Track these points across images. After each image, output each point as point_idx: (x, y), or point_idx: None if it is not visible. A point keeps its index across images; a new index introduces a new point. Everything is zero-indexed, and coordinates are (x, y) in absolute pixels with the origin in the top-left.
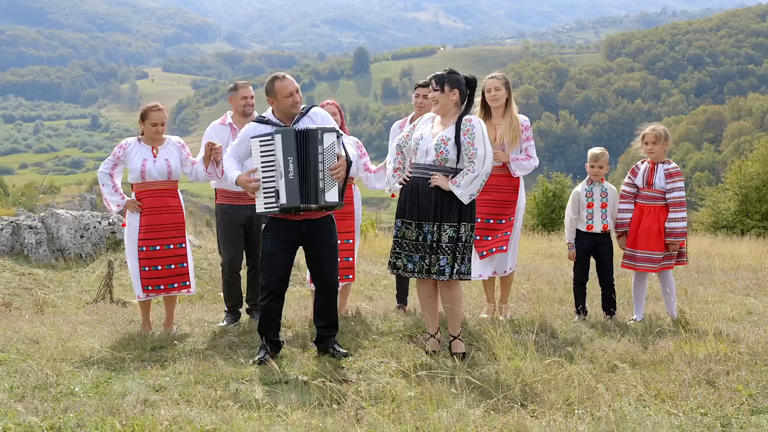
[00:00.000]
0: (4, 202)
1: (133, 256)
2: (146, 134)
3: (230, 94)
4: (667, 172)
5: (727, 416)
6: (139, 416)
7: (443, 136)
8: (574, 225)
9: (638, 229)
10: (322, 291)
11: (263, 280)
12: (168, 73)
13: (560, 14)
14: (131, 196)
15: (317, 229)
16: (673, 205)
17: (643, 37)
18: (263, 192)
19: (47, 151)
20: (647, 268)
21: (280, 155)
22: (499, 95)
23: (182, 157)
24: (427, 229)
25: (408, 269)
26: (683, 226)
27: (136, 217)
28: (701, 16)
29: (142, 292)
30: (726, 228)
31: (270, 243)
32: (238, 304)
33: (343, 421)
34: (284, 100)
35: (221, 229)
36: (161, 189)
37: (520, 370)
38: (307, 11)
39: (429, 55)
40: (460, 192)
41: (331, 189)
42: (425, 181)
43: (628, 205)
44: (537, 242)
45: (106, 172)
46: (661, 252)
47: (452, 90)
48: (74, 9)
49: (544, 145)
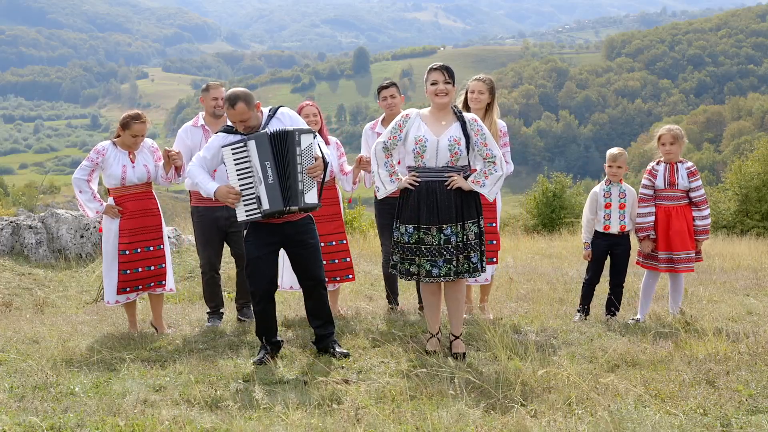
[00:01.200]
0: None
1: (113, 260)
2: (124, 142)
3: (202, 95)
4: (689, 170)
5: (727, 416)
6: (139, 416)
7: (454, 137)
8: (592, 225)
9: (670, 231)
10: (311, 290)
11: (251, 286)
12: (168, 73)
13: (560, 14)
14: (108, 201)
15: (299, 231)
16: (700, 203)
17: (643, 37)
18: (242, 200)
19: (47, 151)
20: (687, 269)
21: (257, 161)
22: (481, 98)
23: (154, 160)
24: (450, 230)
25: (433, 274)
26: (710, 223)
27: (115, 222)
28: (701, 16)
29: (115, 295)
30: (726, 228)
31: (254, 248)
32: (220, 304)
33: (343, 421)
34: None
35: (198, 231)
36: (140, 192)
37: (520, 370)
38: (307, 11)
39: (429, 55)
40: (487, 191)
41: (310, 190)
42: (441, 184)
43: (649, 209)
44: (537, 242)
45: (83, 178)
46: (695, 251)
47: (454, 86)
48: (74, 9)
49: (544, 145)
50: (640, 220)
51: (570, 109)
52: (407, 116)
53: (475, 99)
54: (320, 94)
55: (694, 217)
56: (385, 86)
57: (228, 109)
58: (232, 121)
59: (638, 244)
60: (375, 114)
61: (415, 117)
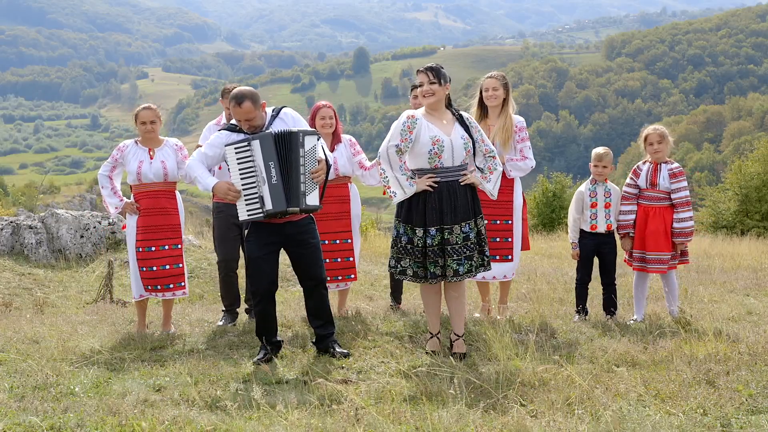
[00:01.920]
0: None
1: (132, 257)
2: (140, 134)
3: (222, 99)
4: (671, 171)
5: (727, 416)
6: (139, 416)
7: (464, 136)
8: (578, 225)
9: (645, 230)
10: (312, 290)
11: (252, 286)
12: (168, 73)
13: (560, 14)
14: (130, 198)
15: (300, 230)
16: (679, 205)
17: (643, 37)
18: (245, 199)
19: (47, 151)
20: (658, 270)
21: (260, 161)
22: (497, 95)
23: (178, 159)
24: (469, 227)
25: (460, 272)
26: (691, 226)
27: (134, 219)
28: (701, 16)
29: (144, 292)
30: (726, 228)
31: (255, 248)
32: (235, 303)
33: (343, 421)
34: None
35: (216, 227)
36: (157, 190)
37: (520, 370)
38: (307, 11)
39: (429, 55)
40: (491, 187)
41: (312, 192)
42: (457, 183)
43: (630, 207)
44: (537, 242)
45: (105, 174)
46: (670, 252)
47: (446, 84)
48: (74, 9)
49: (544, 145)
50: (621, 218)
51: (570, 109)
52: (413, 117)
53: (490, 96)
54: (320, 94)
55: (673, 219)
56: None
57: (234, 107)
58: (237, 120)
59: (619, 241)
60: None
61: (420, 118)
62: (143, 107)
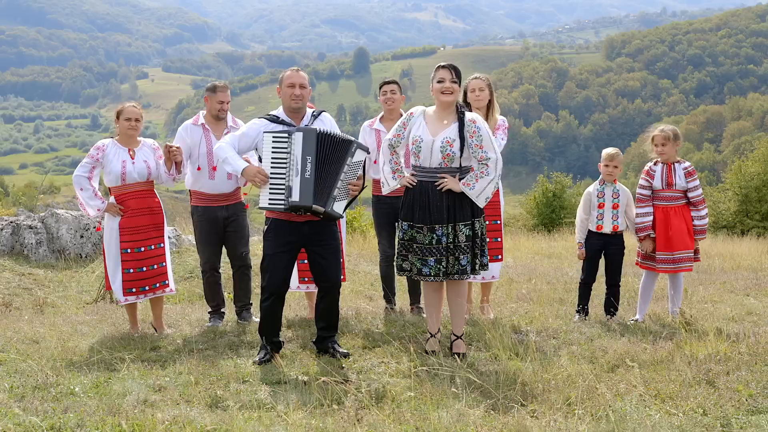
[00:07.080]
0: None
1: (116, 259)
2: (121, 132)
3: (206, 94)
4: (687, 170)
5: (727, 416)
6: (139, 416)
7: (447, 138)
8: (585, 225)
9: (669, 230)
10: (326, 292)
11: (264, 281)
12: (168, 73)
13: (560, 14)
14: (110, 200)
15: (319, 231)
16: (698, 203)
17: (643, 37)
18: (270, 188)
19: (47, 151)
20: (687, 268)
21: (299, 153)
22: (482, 96)
23: (156, 158)
24: (441, 231)
25: (423, 273)
26: (707, 222)
27: (115, 220)
28: (701, 16)
29: (123, 296)
30: (726, 228)
31: (272, 245)
32: (221, 303)
33: (343, 421)
34: (286, 89)
35: (198, 230)
36: (141, 190)
37: (520, 370)
38: (307, 11)
39: (429, 55)
40: (476, 195)
41: (341, 201)
42: (433, 185)
43: (647, 209)
44: (537, 242)
45: (83, 175)
46: (692, 250)
47: (459, 85)
48: (74, 9)
49: (544, 145)
50: (639, 221)
51: (570, 109)
52: (411, 114)
53: (476, 98)
54: (320, 94)
55: (692, 216)
56: (388, 82)
57: (294, 71)
58: (290, 83)
59: (638, 244)
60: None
61: (418, 116)
62: (130, 104)
